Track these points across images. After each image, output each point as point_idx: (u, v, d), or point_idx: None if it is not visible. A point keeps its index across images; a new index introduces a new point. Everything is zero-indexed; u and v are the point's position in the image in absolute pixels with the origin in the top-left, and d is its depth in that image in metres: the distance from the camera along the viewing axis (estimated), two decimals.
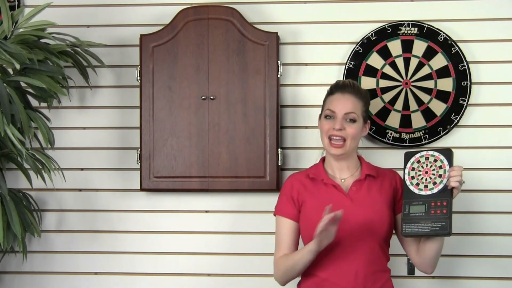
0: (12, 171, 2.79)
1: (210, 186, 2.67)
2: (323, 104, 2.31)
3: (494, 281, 2.66)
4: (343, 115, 2.23)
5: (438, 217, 2.13)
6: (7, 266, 2.81)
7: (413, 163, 2.24)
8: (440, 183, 2.16)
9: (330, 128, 2.24)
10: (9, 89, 2.36)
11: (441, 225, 2.11)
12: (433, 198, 2.16)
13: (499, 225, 2.66)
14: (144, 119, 2.70)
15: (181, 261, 2.76)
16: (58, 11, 2.79)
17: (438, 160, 2.20)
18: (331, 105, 2.26)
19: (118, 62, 2.80)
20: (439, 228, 2.11)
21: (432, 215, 2.13)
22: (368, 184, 2.28)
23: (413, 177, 2.22)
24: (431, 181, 2.18)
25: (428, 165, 2.21)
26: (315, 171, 2.31)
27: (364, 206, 2.23)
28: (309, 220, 2.21)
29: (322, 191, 2.26)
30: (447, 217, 2.12)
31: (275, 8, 2.76)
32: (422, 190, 2.18)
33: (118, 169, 2.79)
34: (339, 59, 2.73)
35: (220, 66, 2.68)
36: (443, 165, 2.18)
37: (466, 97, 2.65)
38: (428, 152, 2.23)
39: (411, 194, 2.20)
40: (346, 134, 2.23)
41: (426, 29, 2.67)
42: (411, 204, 2.18)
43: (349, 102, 2.25)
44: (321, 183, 2.27)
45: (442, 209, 2.13)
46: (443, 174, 2.16)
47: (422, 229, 2.12)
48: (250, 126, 2.66)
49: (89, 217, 2.80)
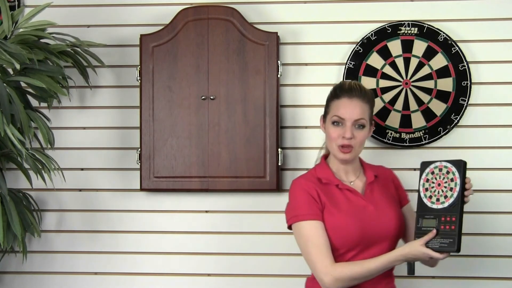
0: (12, 171, 2.79)
1: (210, 186, 2.67)
2: (328, 107, 2.23)
3: (494, 281, 2.66)
4: (352, 122, 2.17)
5: (447, 233, 2.09)
6: (7, 266, 2.81)
7: (427, 174, 2.20)
8: (451, 197, 2.13)
9: (339, 136, 2.18)
10: (9, 89, 2.36)
11: (449, 242, 2.07)
12: (443, 213, 2.13)
13: (499, 225, 2.66)
14: (144, 119, 2.70)
15: (181, 261, 2.76)
16: (58, 11, 2.79)
17: (450, 172, 2.16)
18: (338, 111, 2.18)
19: (118, 62, 2.80)
20: (447, 245, 2.07)
21: (442, 231, 2.10)
22: (377, 185, 2.26)
23: (427, 189, 2.19)
24: (442, 194, 2.15)
25: (441, 177, 2.17)
26: (325, 175, 2.22)
27: (386, 209, 2.21)
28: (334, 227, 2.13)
29: (338, 196, 2.19)
30: (455, 233, 2.08)
31: (275, 8, 2.76)
32: (434, 203, 2.15)
33: (118, 169, 2.79)
34: (339, 59, 2.73)
35: (220, 66, 2.68)
36: (454, 178, 2.15)
37: (466, 97, 2.65)
38: (442, 163, 2.19)
39: (424, 207, 2.17)
40: (355, 142, 2.18)
41: (426, 29, 2.68)
42: (424, 217, 2.16)
43: (358, 107, 2.17)
44: (334, 188, 2.20)
45: (451, 225, 2.10)
46: (454, 187, 2.13)
47: (432, 245, 2.09)
48: (250, 126, 2.66)
49: (89, 217, 2.80)
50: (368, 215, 2.18)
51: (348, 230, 2.14)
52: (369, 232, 2.16)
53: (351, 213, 2.17)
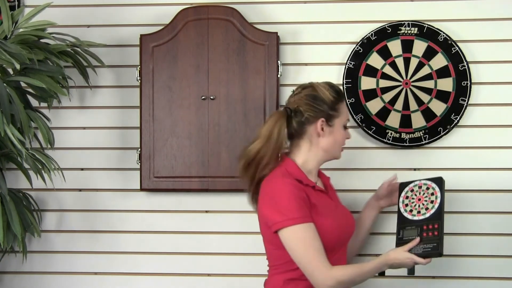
0: (12, 171, 2.79)
1: (210, 186, 2.67)
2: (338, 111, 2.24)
3: (494, 281, 2.65)
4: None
5: (430, 239, 2.21)
6: (7, 266, 2.81)
7: (407, 192, 2.38)
8: (432, 208, 2.29)
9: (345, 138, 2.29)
10: (9, 89, 2.36)
11: (432, 246, 2.19)
12: (425, 222, 2.26)
13: (499, 225, 2.66)
14: (144, 119, 2.70)
15: (181, 261, 2.76)
16: (58, 11, 2.79)
17: (430, 188, 2.35)
18: (347, 114, 2.29)
19: (118, 62, 2.80)
20: (430, 249, 2.18)
21: (424, 238, 2.22)
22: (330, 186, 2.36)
23: (406, 204, 2.36)
24: (423, 207, 2.31)
25: (421, 193, 2.35)
26: (302, 177, 2.19)
27: (345, 209, 2.34)
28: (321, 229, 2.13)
29: (316, 197, 2.19)
30: (438, 238, 2.21)
31: (275, 8, 2.76)
32: (415, 215, 2.30)
33: (118, 169, 2.79)
34: (339, 59, 2.73)
35: (220, 66, 2.68)
36: (435, 192, 2.33)
37: (466, 97, 2.65)
38: (421, 181, 2.38)
39: (404, 220, 2.31)
40: None
41: (426, 29, 2.67)
42: (405, 229, 2.28)
43: None
44: (311, 189, 2.20)
45: (433, 232, 2.23)
46: (435, 200, 2.30)
47: (415, 251, 2.18)
48: (250, 126, 2.66)
49: (89, 217, 2.80)
50: (340, 216, 2.26)
51: (332, 231, 2.16)
52: (344, 232, 2.25)
53: (331, 214, 2.20)
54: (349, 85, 2.69)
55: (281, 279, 2.18)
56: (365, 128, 2.67)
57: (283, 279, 2.17)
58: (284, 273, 2.17)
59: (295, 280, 2.16)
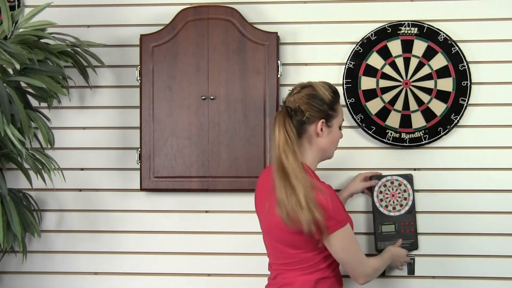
0: (12, 171, 2.79)
1: (210, 186, 2.67)
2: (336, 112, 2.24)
3: (494, 281, 2.66)
4: None
5: (407, 235, 2.59)
6: (7, 266, 2.81)
7: (380, 187, 2.60)
8: (406, 205, 2.60)
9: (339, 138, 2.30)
10: (9, 89, 2.36)
11: (410, 242, 2.60)
12: (401, 219, 2.59)
13: (499, 225, 2.66)
14: (144, 119, 2.70)
15: (181, 261, 2.76)
16: (58, 11, 2.79)
17: (402, 184, 2.60)
18: (343, 114, 2.29)
19: (118, 62, 2.80)
20: (409, 245, 2.60)
21: (402, 234, 2.59)
22: None
23: (381, 199, 2.60)
24: (398, 203, 2.60)
25: (394, 189, 2.60)
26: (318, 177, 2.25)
27: None
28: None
29: None
30: (414, 234, 2.60)
31: (275, 8, 2.76)
32: (391, 211, 2.59)
33: (118, 169, 2.79)
34: (339, 59, 2.73)
35: (220, 66, 2.68)
36: (407, 189, 2.60)
37: (466, 97, 2.65)
38: (393, 176, 2.61)
39: (381, 215, 2.60)
40: None
41: (426, 29, 2.67)
42: (383, 224, 2.59)
43: None
44: None
45: (410, 228, 2.59)
46: (408, 197, 2.59)
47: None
48: (250, 126, 2.66)
49: (89, 217, 2.80)
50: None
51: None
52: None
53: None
54: (349, 85, 2.69)
55: (312, 279, 2.21)
56: (365, 128, 2.67)
57: (314, 279, 2.21)
58: (313, 273, 2.20)
59: (325, 278, 2.22)
